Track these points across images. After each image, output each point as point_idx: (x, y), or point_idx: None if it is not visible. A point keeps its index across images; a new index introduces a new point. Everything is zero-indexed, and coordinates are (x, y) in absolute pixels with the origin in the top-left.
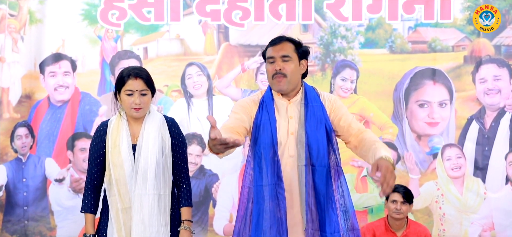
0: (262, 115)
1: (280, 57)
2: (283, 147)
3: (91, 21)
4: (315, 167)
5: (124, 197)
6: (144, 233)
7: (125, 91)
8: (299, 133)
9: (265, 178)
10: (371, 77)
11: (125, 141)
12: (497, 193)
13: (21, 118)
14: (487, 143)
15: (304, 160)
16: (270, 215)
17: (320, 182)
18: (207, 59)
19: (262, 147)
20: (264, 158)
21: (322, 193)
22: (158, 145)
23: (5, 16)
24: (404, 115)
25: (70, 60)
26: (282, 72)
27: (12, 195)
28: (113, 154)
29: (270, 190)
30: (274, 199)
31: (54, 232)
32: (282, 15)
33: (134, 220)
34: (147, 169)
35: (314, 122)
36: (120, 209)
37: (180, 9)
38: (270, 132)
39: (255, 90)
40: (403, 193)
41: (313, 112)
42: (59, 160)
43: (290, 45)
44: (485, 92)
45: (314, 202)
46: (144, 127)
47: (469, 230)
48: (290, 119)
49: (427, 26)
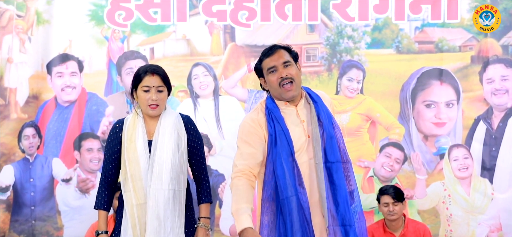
0: (275, 127)
1: (281, 65)
2: (301, 152)
3: (98, 22)
4: (332, 163)
5: (139, 192)
6: (159, 229)
7: (142, 88)
8: (314, 133)
9: (288, 190)
10: (378, 78)
11: (141, 136)
12: (505, 194)
13: (29, 118)
14: (495, 143)
15: (321, 158)
16: (298, 225)
17: (337, 177)
18: (213, 59)
19: (282, 159)
20: (285, 168)
21: (341, 188)
22: (174, 141)
23: (13, 17)
24: (410, 116)
25: (77, 61)
26: (289, 77)
27: (20, 195)
28: (128, 150)
29: (297, 200)
30: (300, 208)
31: (61, 232)
32: (288, 15)
33: (149, 215)
34: (163, 165)
35: (327, 119)
36: (135, 205)
37: (187, 10)
38: (286, 142)
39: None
40: (393, 194)
41: (322, 110)
42: (66, 160)
43: (285, 51)
44: (493, 92)
45: (332, 198)
46: (160, 123)
47: (476, 231)
48: (303, 122)
49: (434, 26)
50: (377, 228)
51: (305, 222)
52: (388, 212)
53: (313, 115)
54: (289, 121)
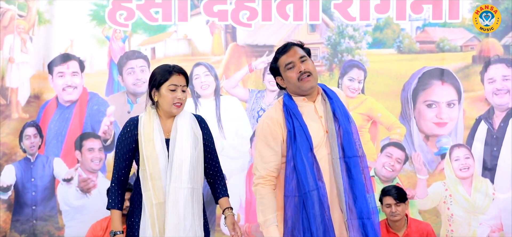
0: (294, 123)
1: (298, 60)
2: (319, 147)
3: (99, 22)
4: (350, 158)
5: (158, 191)
6: (178, 227)
7: (169, 86)
8: (330, 129)
9: (309, 184)
10: (379, 78)
11: (158, 135)
12: (506, 194)
13: (30, 118)
14: (496, 143)
15: (338, 152)
16: (319, 219)
17: (355, 171)
18: (215, 59)
19: (302, 155)
20: (306, 163)
21: (359, 181)
22: (192, 140)
23: (14, 16)
24: (412, 116)
25: (78, 61)
26: (307, 71)
27: (21, 194)
28: (147, 149)
29: (318, 193)
30: (320, 202)
31: (62, 232)
32: (290, 15)
33: (169, 214)
34: (182, 163)
35: (342, 115)
36: (155, 204)
37: (188, 10)
38: (305, 137)
39: (262, 91)
40: (395, 195)
41: (338, 106)
42: (67, 160)
43: (299, 47)
44: (494, 92)
45: (350, 192)
46: (177, 122)
47: (478, 231)
48: (320, 118)
49: (435, 26)
50: (380, 228)
51: (325, 216)
52: (391, 213)
53: (329, 111)
54: (307, 117)
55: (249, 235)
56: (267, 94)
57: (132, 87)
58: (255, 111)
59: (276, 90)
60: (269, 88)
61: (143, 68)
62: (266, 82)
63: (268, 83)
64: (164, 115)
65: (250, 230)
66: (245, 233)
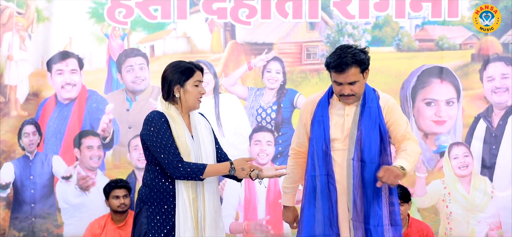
0: (317, 113)
1: (347, 84)
2: (336, 142)
3: (98, 19)
4: (366, 163)
5: (192, 186)
6: (215, 220)
7: (194, 82)
8: (352, 130)
9: (317, 169)
10: (378, 76)
11: (186, 131)
12: (505, 192)
13: (29, 116)
14: (495, 141)
15: (353, 154)
16: (322, 202)
17: (369, 177)
18: (214, 57)
19: (315, 141)
20: (316, 152)
21: (370, 188)
22: (209, 134)
23: (13, 14)
24: (411, 114)
25: (77, 58)
26: (350, 94)
27: (20, 192)
28: (179, 144)
29: (322, 180)
30: (325, 188)
31: (61, 230)
32: (289, 13)
33: (207, 208)
34: (208, 157)
35: (369, 122)
36: (191, 198)
37: (187, 7)
38: (323, 128)
39: (262, 88)
40: (399, 194)
41: (369, 113)
42: (66, 158)
43: (356, 69)
44: (493, 90)
45: (360, 195)
46: (194, 119)
47: (476, 229)
48: (346, 116)
49: (434, 24)
50: None
51: (330, 200)
52: None
53: (357, 114)
54: (334, 112)
55: (248, 232)
56: (266, 92)
57: (131, 85)
58: (254, 109)
59: (275, 88)
60: (268, 86)
61: (142, 66)
62: (265, 80)
63: (267, 81)
64: (183, 111)
65: (249, 228)
66: (244, 230)
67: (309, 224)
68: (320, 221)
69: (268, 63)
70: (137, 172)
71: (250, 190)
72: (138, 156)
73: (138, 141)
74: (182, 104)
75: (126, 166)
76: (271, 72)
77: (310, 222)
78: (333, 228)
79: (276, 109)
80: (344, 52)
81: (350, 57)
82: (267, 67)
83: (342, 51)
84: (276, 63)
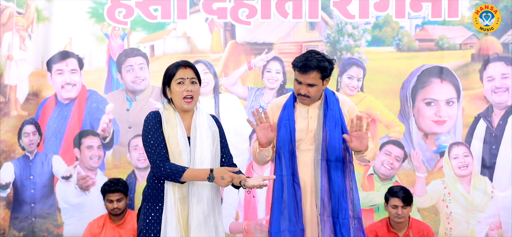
0: (283, 116)
1: (306, 84)
2: (302, 142)
3: (98, 19)
4: (332, 162)
5: (182, 186)
6: (204, 224)
7: (176, 81)
8: (317, 131)
9: (284, 169)
10: (378, 75)
11: (180, 132)
12: (505, 192)
13: (29, 116)
14: (495, 141)
15: (320, 154)
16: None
17: (336, 174)
18: (214, 57)
19: (282, 143)
20: (282, 152)
21: (337, 184)
22: (211, 137)
23: (13, 14)
24: (411, 114)
25: (77, 58)
26: (306, 95)
27: (20, 192)
28: (171, 144)
29: (288, 179)
30: (290, 187)
31: (61, 229)
32: (289, 13)
33: (194, 211)
34: (203, 160)
35: (332, 123)
36: (178, 199)
37: (187, 7)
38: (289, 130)
39: (262, 88)
40: (402, 198)
41: (332, 115)
42: (66, 158)
43: (317, 73)
44: (493, 90)
45: (328, 191)
46: (195, 120)
47: (476, 229)
48: (310, 118)
49: (434, 24)
50: (381, 227)
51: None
52: (396, 215)
53: (320, 116)
54: (299, 114)
55: (248, 232)
56: (266, 92)
57: (131, 85)
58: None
59: (275, 88)
60: (268, 86)
61: (142, 66)
62: (265, 80)
63: (267, 81)
64: (182, 112)
65: (249, 228)
66: (243, 230)
67: (276, 220)
68: (286, 217)
69: (268, 63)
70: (137, 172)
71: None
72: (138, 156)
73: (138, 141)
74: (175, 105)
75: (126, 166)
76: (271, 72)
77: (278, 218)
78: (298, 224)
79: None
80: (311, 55)
81: (314, 61)
82: (267, 67)
83: (309, 55)
84: (276, 63)
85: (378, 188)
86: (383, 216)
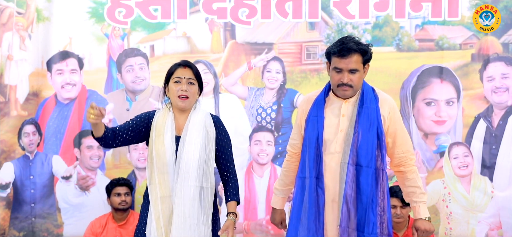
0: (312, 112)
1: (348, 71)
2: (330, 143)
3: (98, 19)
4: (362, 167)
5: (164, 185)
6: (184, 225)
7: (173, 79)
8: (348, 132)
9: (307, 171)
10: (378, 75)
11: (169, 131)
12: (505, 192)
13: (29, 116)
14: (495, 141)
15: (348, 158)
16: (309, 206)
17: (365, 182)
18: (214, 57)
19: (308, 142)
20: (308, 152)
21: (366, 193)
22: (203, 138)
23: (13, 14)
24: (411, 114)
25: (77, 58)
26: (349, 84)
27: (20, 192)
28: (156, 143)
29: (310, 182)
30: (313, 192)
31: (61, 230)
32: (289, 13)
33: (175, 211)
34: (190, 161)
35: (366, 123)
36: (159, 197)
37: (187, 7)
38: (317, 128)
39: (262, 88)
40: (401, 198)
41: (367, 114)
42: (66, 158)
43: (358, 57)
44: (493, 90)
45: (354, 201)
46: (189, 120)
47: (476, 229)
48: (342, 116)
49: (434, 24)
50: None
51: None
52: (395, 215)
53: (354, 115)
54: (330, 111)
55: (247, 232)
56: (266, 92)
57: (131, 85)
58: (254, 109)
59: (276, 88)
60: (268, 86)
61: (142, 66)
62: (265, 80)
63: (267, 81)
64: (178, 112)
65: (249, 228)
66: (243, 230)
67: (294, 227)
68: (305, 225)
69: (268, 63)
70: (137, 171)
71: (250, 190)
72: (138, 156)
73: None
74: (173, 104)
75: (126, 166)
76: (271, 72)
77: (296, 225)
78: (318, 233)
79: (276, 109)
80: (347, 39)
81: (353, 43)
82: (267, 67)
83: (345, 39)
84: (276, 63)
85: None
86: None
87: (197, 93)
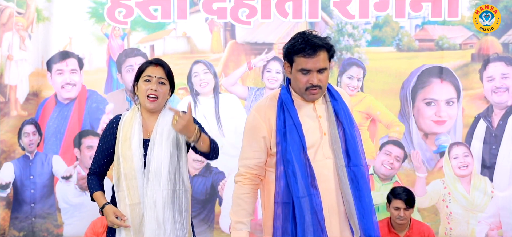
0: (286, 120)
1: (316, 71)
2: (316, 149)
3: (98, 19)
4: (357, 167)
5: (133, 191)
6: (158, 231)
7: (143, 78)
8: (332, 133)
9: (301, 189)
10: (378, 75)
11: (137, 134)
12: (505, 192)
13: (29, 116)
14: (495, 141)
15: (343, 160)
16: (312, 228)
17: (363, 182)
18: (214, 57)
19: (289, 155)
20: (296, 165)
21: (366, 195)
22: (172, 139)
23: (13, 14)
24: (411, 114)
25: (77, 58)
26: (319, 85)
27: (20, 192)
28: (123, 147)
29: (309, 201)
30: (313, 211)
31: (61, 230)
32: (289, 13)
33: (146, 217)
34: (160, 165)
35: (346, 119)
36: (128, 205)
37: (187, 7)
38: (298, 137)
39: (262, 88)
40: (405, 200)
41: (342, 108)
42: (66, 158)
43: (325, 53)
44: (493, 90)
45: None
46: (158, 122)
47: (476, 229)
48: (319, 118)
49: (434, 24)
50: (382, 227)
51: (318, 227)
52: (398, 216)
53: (331, 113)
54: (303, 114)
55: None
56: (266, 92)
57: (131, 85)
58: None
59: (275, 88)
60: (268, 86)
61: None
62: (265, 80)
63: (267, 81)
64: (147, 113)
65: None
66: None
67: None
68: None
69: (268, 63)
70: None
71: None
72: None
73: None
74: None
75: None
76: (271, 72)
77: None
78: None
79: None
80: (310, 36)
81: (318, 39)
82: (267, 67)
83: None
84: (276, 63)
85: (378, 188)
86: (383, 216)
87: (167, 93)
